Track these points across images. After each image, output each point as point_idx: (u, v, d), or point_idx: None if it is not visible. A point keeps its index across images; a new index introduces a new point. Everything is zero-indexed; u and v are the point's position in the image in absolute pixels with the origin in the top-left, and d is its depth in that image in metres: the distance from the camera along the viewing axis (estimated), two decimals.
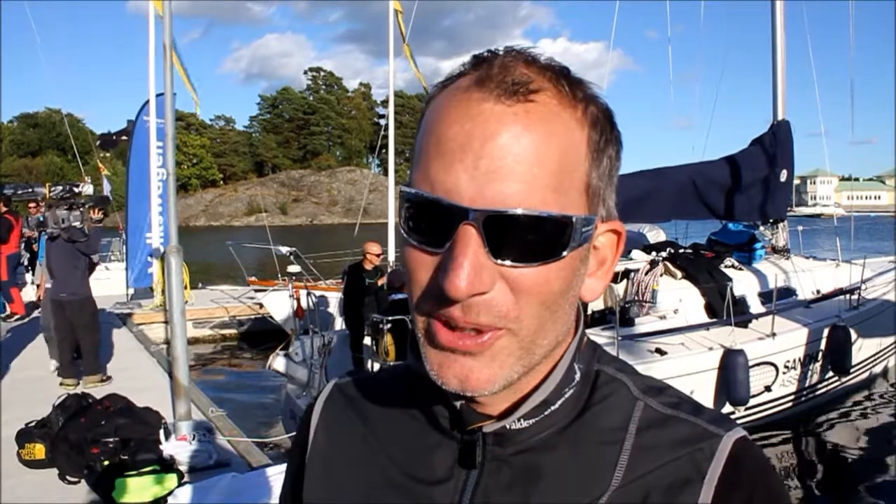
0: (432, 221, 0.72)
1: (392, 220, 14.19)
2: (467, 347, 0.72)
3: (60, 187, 18.24)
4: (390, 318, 8.26)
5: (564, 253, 0.72)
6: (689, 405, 0.83)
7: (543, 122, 0.71)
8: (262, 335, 16.76)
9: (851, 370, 10.69)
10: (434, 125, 0.74)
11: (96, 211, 9.99)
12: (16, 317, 14.84)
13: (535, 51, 0.76)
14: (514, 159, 0.69)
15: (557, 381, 0.80)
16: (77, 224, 9.47)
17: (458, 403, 0.81)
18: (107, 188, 22.42)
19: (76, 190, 18.66)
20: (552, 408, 0.80)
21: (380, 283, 10.40)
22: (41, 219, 10.14)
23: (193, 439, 6.78)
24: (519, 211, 0.69)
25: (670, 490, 0.76)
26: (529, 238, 0.70)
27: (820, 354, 10.30)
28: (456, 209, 0.70)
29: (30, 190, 20.31)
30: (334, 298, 12.94)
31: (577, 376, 0.82)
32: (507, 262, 0.70)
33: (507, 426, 0.80)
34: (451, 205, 0.70)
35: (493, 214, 0.69)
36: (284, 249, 14.03)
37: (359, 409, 0.95)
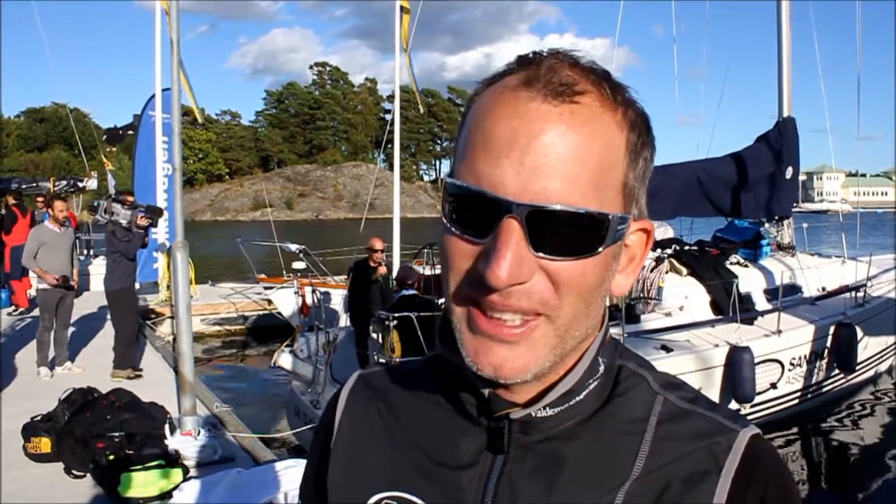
0: (476, 213, 0.74)
1: (398, 215, 14.18)
2: (505, 336, 0.75)
3: (65, 181, 18.28)
4: (396, 314, 8.25)
5: (601, 249, 0.75)
6: (706, 401, 0.86)
7: (587, 123, 0.74)
8: (268, 331, 16.80)
9: (857, 367, 10.67)
10: (481, 121, 0.76)
11: (144, 218, 10.05)
12: (20, 310, 14.85)
13: (578, 54, 0.78)
14: (557, 157, 0.72)
15: (582, 373, 0.82)
16: (123, 222, 9.61)
17: (486, 391, 0.82)
18: (111, 183, 22.42)
19: (80, 185, 18.74)
20: (577, 398, 0.82)
21: (375, 276, 10.39)
22: (95, 204, 10.28)
23: (199, 434, 6.81)
24: (561, 207, 0.72)
25: (689, 480, 0.78)
26: (569, 233, 0.73)
27: (825, 352, 10.28)
28: (501, 202, 0.72)
29: (34, 184, 20.33)
30: (339, 295, 12.96)
31: (602, 369, 0.85)
32: (547, 255, 0.73)
33: (533, 414, 0.82)
34: (497, 198, 0.72)
35: (536, 209, 0.71)
36: (294, 247, 14.02)
37: (384, 398, 0.97)
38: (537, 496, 0.81)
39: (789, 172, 12.00)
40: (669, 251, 10.89)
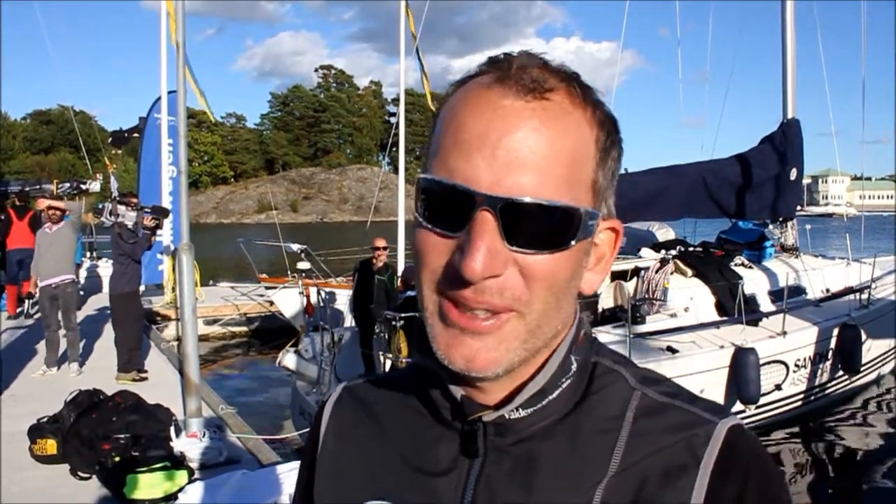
0: (450, 207, 0.75)
1: (402, 217, 14.19)
2: (477, 328, 0.75)
3: (68, 184, 18.29)
4: (402, 314, 8.25)
5: (573, 242, 0.76)
6: (686, 395, 0.85)
7: (558, 119, 0.75)
8: (272, 332, 16.81)
9: (861, 369, 10.66)
10: (453, 118, 0.78)
11: (150, 219, 10.07)
12: (18, 310, 14.81)
13: (548, 56, 0.80)
14: (530, 151, 0.73)
15: (553, 371, 0.82)
16: (129, 224, 9.61)
17: (458, 395, 0.83)
18: (114, 185, 22.43)
19: (83, 187, 18.75)
20: (549, 398, 0.82)
21: (375, 268, 10.41)
22: (100, 206, 10.29)
23: (204, 436, 6.82)
24: (534, 200, 0.73)
25: (667, 474, 0.78)
26: (542, 227, 0.74)
27: (830, 353, 10.28)
28: (475, 195, 0.73)
29: (38, 187, 20.34)
30: (344, 295, 12.96)
31: (574, 367, 0.84)
32: (520, 249, 0.74)
33: (507, 416, 0.82)
34: (471, 191, 0.73)
35: (510, 202, 0.72)
36: (295, 247, 14.05)
37: (367, 409, 0.97)
38: (516, 498, 0.81)
39: (793, 174, 12.00)
40: (674, 252, 10.88)
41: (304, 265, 13.34)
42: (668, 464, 0.78)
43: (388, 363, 8.50)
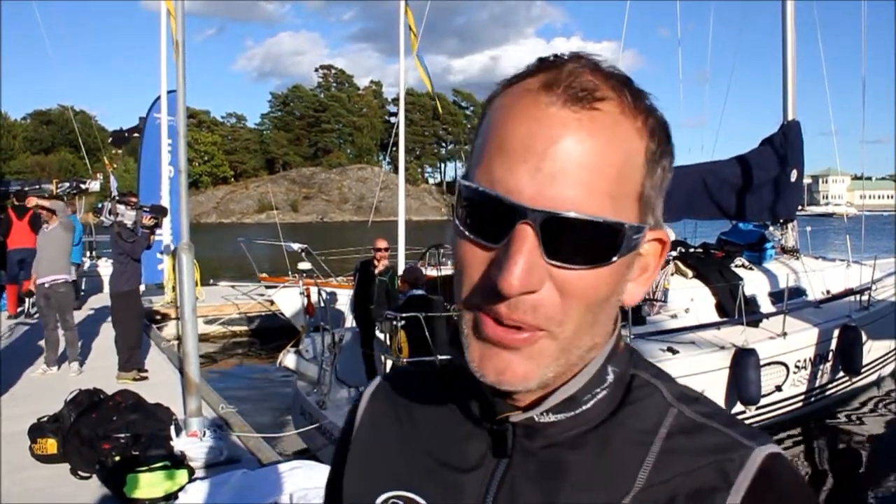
0: (490, 218, 0.73)
1: (402, 217, 14.18)
2: (510, 342, 0.73)
3: (68, 183, 18.29)
4: (404, 314, 8.24)
5: (615, 258, 0.73)
6: (724, 417, 0.81)
7: (606, 130, 0.72)
8: (272, 332, 16.82)
9: (862, 370, 10.67)
10: (498, 124, 0.75)
11: (149, 218, 10.08)
12: (19, 310, 14.83)
13: (600, 58, 0.77)
14: (575, 164, 0.71)
15: (586, 380, 0.80)
16: (128, 223, 9.62)
17: (489, 394, 0.81)
18: (113, 185, 22.43)
19: (83, 186, 18.75)
20: (584, 407, 0.81)
21: (377, 271, 10.41)
22: (99, 206, 10.29)
23: (204, 435, 6.82)
24: (576, 214, 0.70)
25: (695, 496, 0.75)
26: (583, 242, 0.72)
27: (830, 354, 10.29)
28: (516, 208, 0.71)
29: (38, 186, 20.33)
30: (345, 295, 12.95)
31: (610, 378, 0.82)
32: (560, 263, 0.72)
33: (536, 418, 0.81)
34: (512, 203, 0.71)
35: (551, 216, 0.70)
36: (296, 246, 14.04)
37: (400, 402, 0.97)
38: (537, 502, 0.80)
39: (794, 175, 12.01)
40: (675, 253, 10.89)
41: (304, 265, 13.34)
42: (698, 486, 0.75)
43: (389, 364, 8.50)
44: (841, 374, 10.58)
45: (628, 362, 0.86)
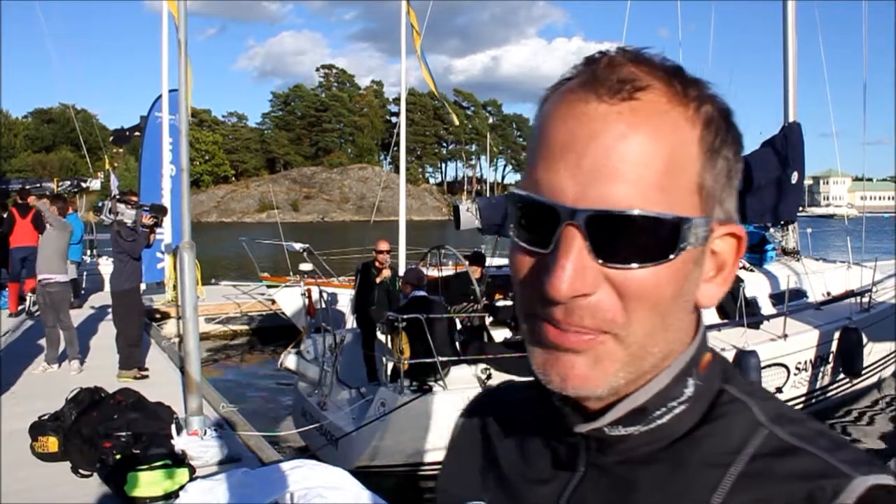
0: (537, 222, 0.71)
1: (403, 217, 14.18)
2: (571, 344, 0.70)
3: (68, 182, 18.31)
4: (406, 316, 8.24)
5: (672, 255, 0.69)
6: (828, 441, 0.71)
7: (649, 121, 0.69)
8: (273, 331, 16.85)
9: (862, 372, 10.67)
10: (542, 129, 0.73)
11: (149, 217, 10.10)
12: (21, 309, 14.84)
13: (648, 51, 0.74)
14: (618, 158, 0.68)
15: (657, 390, 0.75)
16: (128, 222, 9.64)
17: (560, 404, 0.78)
18: (114, 183, 22.44)
19: (84, 185, 18.80)
20: (658, 422, 0.76)
21: (379, 279, 10.40)
22: (100, 204, 10.32)
23: (205, 434, 6.83)
24: (621, 210, 0.67)
25: None
26: (634, 238, 0.68)
27: (831, 356, 10.30)
28: (558, 209, 0.69)
29: (39, 185, 20.37)
30: (346, 296, 12.95)
31: (689, 391, 0.76)
32: (612, 264, 0.68)
33: (607, 431, 0.76)
34: (554, 204, 0.69)
35: (595, 214, 0.67)
36: (298, 246, 14.02)
37: (494, 413, 0.96)
38: None
39: (795, 177, 12.00)
40: None
41: (306, 266, 13.32)
42: None
43: (391, 365, 8.50)
44: (841, 375, 10.58)
45: (717, 376, 0.79)
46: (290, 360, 9.85)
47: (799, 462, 0.69)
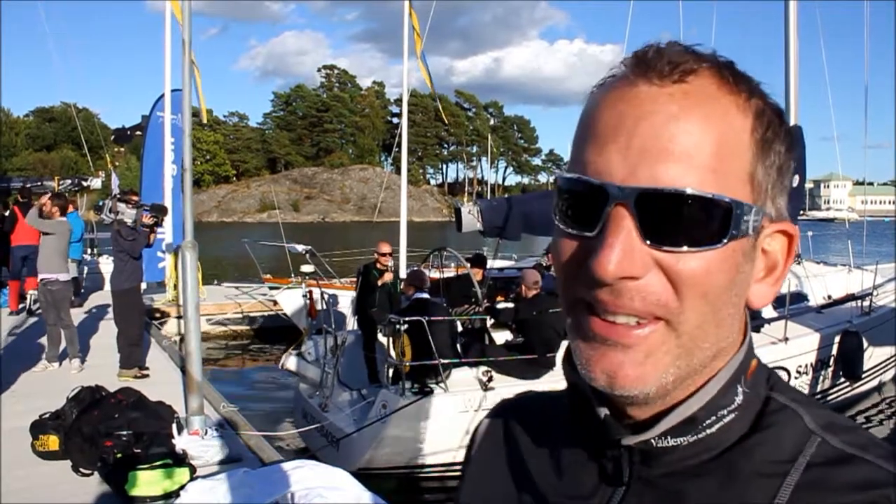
0: (584, 204, 0.69)
1: (404, 218, 14.19)
2: (619, 337, 0.68)
3: (69, 181, 18.31)
4: (407, 318, 8.23)
5: (725, 240, 0.67)
6: (884, 450, 0.69)
7: (700, 104, 0.68)
8: (274, 332, 16.85)
9: (863, 376, 10.67)
10: (589, 114, 0.72)
11: (149, 217, 10.12)
12: (22, 307, 14.83)
13: (698, 44, 0.73)
14: (668, 139, 0.66)
15: (710, 397, 0.72)
16: (128, 221, 9.65)
17: (602, 414, 0.75)
18: (115, 182, 22.43)
19: (84, 184, 18.78)
20: (707, 432, 0.72)
21: (381, 282, 10.40)
22: (100, 203, 10.32)
23: (206, 434, 6.83)
24: (673, 189, 0.65)
25: None
26: (686, 220, 0.66)
27: (831, 360, 10.30)
28: (608, 189, 0.67)
29: (40, 184, 20.36)
30: (347, 298, 12.95)
31: (739, 399, 0.73)
32: (661, 246, 0.66)
33: (654, 443, 0.73)
34: (602, 184, 0.67)
35: (645, 192, 0.66)
36: (300, 247, 14.03)
37: (520, 425, 0.92)
38: None
39: (796, 181, 11.95)
40: None
41: (307, 267, 13.32)
42: None
43: (391, 369, 8.50)
44: (842, 379, 10.58)
45: (762, 383, 0.77)
46: (291, 361, 9.85)
47: (857, 471, 0.67)
